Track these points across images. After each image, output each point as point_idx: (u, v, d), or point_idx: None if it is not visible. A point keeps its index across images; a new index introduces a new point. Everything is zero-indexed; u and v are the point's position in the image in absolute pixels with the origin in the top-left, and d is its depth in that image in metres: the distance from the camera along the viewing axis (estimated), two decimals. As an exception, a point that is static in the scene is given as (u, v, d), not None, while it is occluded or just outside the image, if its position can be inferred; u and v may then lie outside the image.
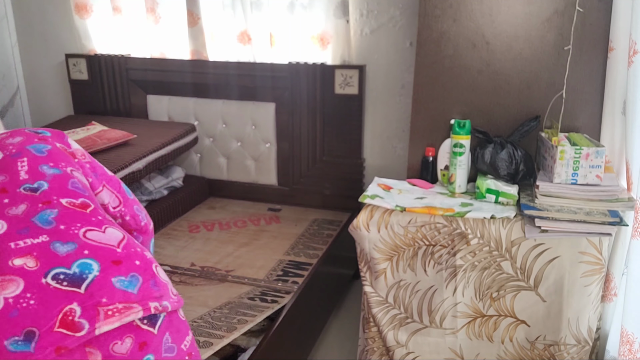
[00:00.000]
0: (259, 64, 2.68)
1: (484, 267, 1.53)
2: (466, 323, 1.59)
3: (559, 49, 1.67)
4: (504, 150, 1.65)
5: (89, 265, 0.85)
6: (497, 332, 1.58)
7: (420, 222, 1.55)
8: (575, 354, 1.53)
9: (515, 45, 1.71)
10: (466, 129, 1.69)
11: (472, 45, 1.74)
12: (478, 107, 1.78)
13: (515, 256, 1.50)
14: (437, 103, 1.81)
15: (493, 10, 1.70)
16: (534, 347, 1.56)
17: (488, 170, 1.68)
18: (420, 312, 1.62)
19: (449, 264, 1.56)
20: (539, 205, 1.52)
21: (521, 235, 1.49)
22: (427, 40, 1.77)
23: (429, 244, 1.56)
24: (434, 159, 1.83)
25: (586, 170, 1.51)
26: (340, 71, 2.53)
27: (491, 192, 1.63)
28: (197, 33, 2.74)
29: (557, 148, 1.51)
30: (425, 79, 1.80)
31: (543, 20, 1.67)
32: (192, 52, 2.80)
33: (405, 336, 1.64)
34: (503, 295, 1.54)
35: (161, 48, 2.88)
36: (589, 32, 1.63)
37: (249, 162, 2.85)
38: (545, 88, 1.71)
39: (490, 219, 1.51)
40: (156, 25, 2.81)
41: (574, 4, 1.61)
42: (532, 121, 1.69)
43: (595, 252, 1.45)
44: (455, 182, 1.72)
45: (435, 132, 1.83)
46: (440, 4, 1.73)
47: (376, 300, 1.64)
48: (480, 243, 1.52)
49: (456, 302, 1.58)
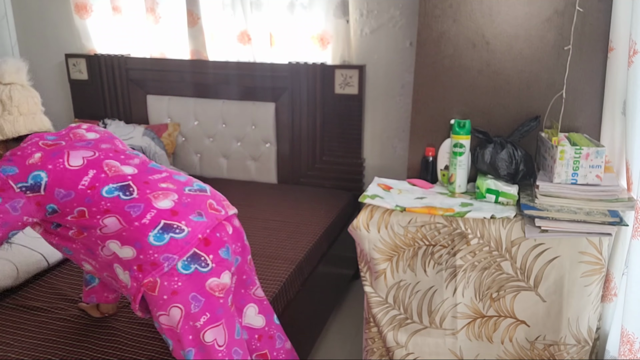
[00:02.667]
0: (259, 64, 2.68)
1: (484, 267, 1.53)
2: (466, 324, 1.59)
3: (559, 49, 1.67)
4: (504, 150, 1.65)
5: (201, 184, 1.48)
6: (497, 332, 1.58)
7: (420, 222, 1.55)
8: (575, 354, 1.53)
9: (515, 45, 1.71)
10: (466, 129, 1.69)
11: (472, 45, 1.74)
12: (478, 107, 1.78)
13: (515, 256, 1.50)
14: (437, 103, 1.81)
15: (493, 10, 1.70)
16: (534, 347, 1.56)
17: (488, 170, 1.68)
18: (420, 312, 1.62)
19: (449, 264, 1.55)
20: (539, 205, 1.52)
21: (521, 235, 1.49)
22: (427, 40, 1.77)
23: (429, 244, 1.56)
24: (434, 159, 1.83)
25: (586, 170, 1.51)
26: (340, 71, 2.53)
27: (491, 192, 1.63)
28: (197, 33, 2.74)
29: (557, 148, 1.51)
30: (425, 79, 1.80)
31: (543, 20, 1.67)
32: (192, 52, 2.80)
33: (405, 337, 1.64)
34: (503, 295, 1.54)
35: (161, 48, 2.88)
36: (589, 32, 1.63)
37: (249, 162, 2.85)
38: (545, 88, 1.71)
39: (490, 219, 1.51)
40: (156, 25, 2.81)
41: (574, 4, 1.61)
42: (532, 121, 1.69)
43: (595, 252, 1.45)
44: (455, 182, 1.72)
45: (435, 132, 1.83)
46: (440, 4, 1.73)
47: (376, 301, 1.64)
48: (480, 243, 1.52)
49: (456, 302, 1.58)
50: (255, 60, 2.71)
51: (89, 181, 1.34)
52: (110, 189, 1.34)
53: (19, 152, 1.37)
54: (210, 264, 1.32)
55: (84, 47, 3.01)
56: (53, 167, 1.33)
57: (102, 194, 1.33)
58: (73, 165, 1.36)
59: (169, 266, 1.27)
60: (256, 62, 2.70)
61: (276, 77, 2.62)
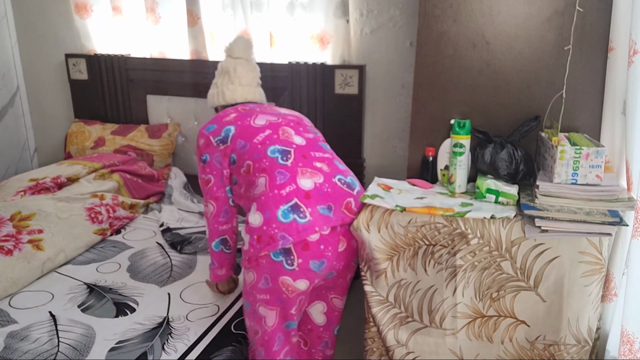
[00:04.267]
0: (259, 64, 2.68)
1: (484, 267, 1.53)
2: (466, 324, 1.59)
3: (559, 49, 1.67)
4: (504, 150, 1.65)
5: (354, 181, 1.56)
6: (497, 332, 1.57)
7: (420, 222, 1.55)
8: (575, 354, 1.53)
9: (515, 45, 1.71)
10: (466, 129, 1.69)
11: (472, 45, 1.74)
12: (478, 107, 1.78)
13: (515, 256, 1.50)
14: (437, 103, 1.81)
15: (493, 10, 1.70)
16: (534, 347, 1.56)
17: (488, 170, 1.68)
18: (421, 311, 1.62)
19: (449, 264, 1.55)
20: (539, 205, 1.52)
21: (521, 235, 1.49)
22: (427, 40, 1.77)
23: (429, 243, 1.56)
24: (434, 159, 1.83)
25: (586, 170, 1.51)
26: (340, 71, 2.53)
27: (491, 192, 1.63)
28: (197, 33, 2.74)
29: (557, 148, 1.51)
30: (425, 79, 1.80)
31: (543, 20, 1.67)
32: (192, 52, 2.80)
33: (406, 335, 1.64)
34: (503, 295, 1.54)
35: (161, 48, 2.88)
36: (589, 32, 1.63)
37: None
38: (545, 88, 1.71)
39: (490, 219, 1.51)
40: (156, 25, 2.81)
41: (574, 4, 1.61)
42: (532, 121, 1.69)
43: (595, 252, 1.45)
44: (455, 182, 1.72)
45: (435, 132, 1.83)
46: (440, 4, 1.73)
47: (377, 300, 1.64)
48: (480, 243, 1.52)
49: (456, 302, 1.58)
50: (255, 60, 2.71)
51: (262, 138, 1.55)
52: (274, 149, 1.52)
53: (221, 114, 1.67)
54: (295, 266, 1.42)
55: (84, 47, 3.01)
56: (241, 123, 1.60)
57: (266, 151, 1.52)
58: (257, 123, 1.60)
59: (282, 245, 1.38)
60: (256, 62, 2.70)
61: (276, 77, 2.62)
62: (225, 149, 1.58)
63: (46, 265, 1.94)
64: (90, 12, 2.92)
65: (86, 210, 2.25)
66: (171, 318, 1.67)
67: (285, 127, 1.60)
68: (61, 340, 1.55)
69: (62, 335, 1.57)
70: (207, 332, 1.62)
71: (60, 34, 3.07)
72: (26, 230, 2.03)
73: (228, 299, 1.79)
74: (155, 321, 1.65)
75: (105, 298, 1.77)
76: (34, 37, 3.14)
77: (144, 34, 2.87)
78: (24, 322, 1.64)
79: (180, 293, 1.81)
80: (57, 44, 3.09)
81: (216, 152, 1.58)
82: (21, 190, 2.35)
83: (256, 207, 1.44)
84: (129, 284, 1.86)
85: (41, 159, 3.33)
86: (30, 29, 3.13)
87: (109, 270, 1.96)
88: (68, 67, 3.02)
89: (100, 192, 2.41)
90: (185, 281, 1.89)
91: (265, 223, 1.40)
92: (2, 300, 1.76)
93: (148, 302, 1.75)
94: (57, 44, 3.09)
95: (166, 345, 1.53)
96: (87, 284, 1.86)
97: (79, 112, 3.10)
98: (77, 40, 3.00)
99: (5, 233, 1.99)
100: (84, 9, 2.91)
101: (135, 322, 1.65)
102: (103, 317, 1.67)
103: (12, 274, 1.83)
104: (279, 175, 1.46)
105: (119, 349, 1.52)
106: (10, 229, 2.01)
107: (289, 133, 1.59)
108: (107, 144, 2.90)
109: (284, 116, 1.67)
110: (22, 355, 1.48)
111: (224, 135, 1.58)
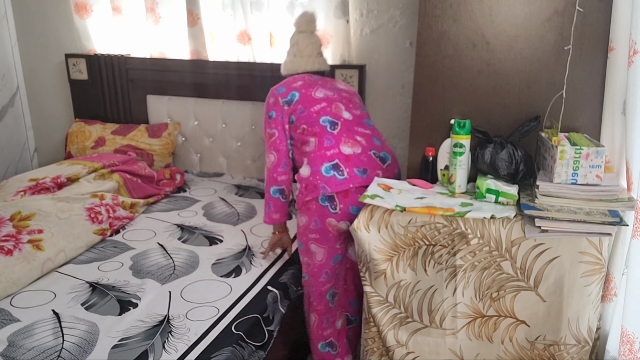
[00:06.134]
0: (259, 64, 2.68)
1: (484, 267, 1.53)
2: (466, 324, 1.59)
3: (559, 49, 1.67)
4: (504, 150, 1.65)
5: (388, 156, 1.90)
6: (497, 332, 1.57)
7: (420, 222, 1.55)
8: (575, 354, 1.53)
9: (515, 45, 1.71)
10: (466, 129, 1.69)
11: (472, 45, 1.74)
12: (478, 107, 1.78)
13: (515, 256, 1.50)
14: (437, 103, 1.81)
15: (493, 10, 1.70)
16: (534, 347, 1.56)
17: (488, 170, 1.68)
18: (421, 311, 1.62)
19: (449, 264, 1.55)
20: (539, 205, 1.52)
21: (521, 235, 1.49)
22: (427, 40, 1.77)
23: (429, 243, 1.56)
24: (434, 159, 1.83)
25: (586, 170, 1.51)
26: (340, 71, 2.53)
27: (491, 192, 1.63)
28: (197, 33, 2.74)
29: (557, 148, 1.51)
30: (425, 79, 1.80)
31: (543, 20, 1.67)
32: (192, 52, 2.80)
33: (406, 335, 1.64)
34: (503, 295, 1.54)
35: (161, 48, 2.88)
36: (589, 32, 1.63)
37: (249, 162, 2.85)
38: (545, 88, 1.71)
39: (490, 219, 1.51)
40: (156, 25, 2.81)
41: (574, 4, 1.61)
42: (532, 121, 1.69)
43: (595, 252, 1.45)
44: (455, 182, 1.72)
45: (435, 132, 1.83)
46: (440, 4, 1.73)
47: (376, 300, 1.64)
48: (480, 243, 1.52)
49: (456, 302, 1.58)
50: (255, 60, 2.71)
51: (318, 108, 1.89)
52: (325, 119, 1.86)
53: (290, 79, 2.00)
54: (337, 210, 1.79)
55: (84, 47, 3.01)
56: (305, 91, 1.93)
57: (319, 120, 1.86)
58: (316, 95, 1.93)
59: (322, 193, 1.76)
60: (256, 62, 2.70)
61: (276, 77, 2.61)
62: (289, 110, 1.90)
63: (46, 265, 1.94)
64: (90, 12, 2.92)
65: (86, 210, 2.25)
66: (171, 316, 1.67)
67: (338, 103, 1.92)
68: (66, 338, 1.55)
69: (67, 332, 1.57)
70: (208, 332, 1.62)
71: (60, 34, 3.07)
72: (26, 230, 2.03)
73: (227, 299, 1.79)
74: (156, 319, 1.66)
75: (109, 296, 1.77)
76: (34, 37, 3.14)
77: (144, 34, 2.87)
78: (27, 320, 1.64)
79: (180, 291, 1.81)
80: (57, 44, 3.09)
81: (281, 111, 1.90)
82: (21, 190, 2.35)
83: (306, 161, 1.82)
84: (131, 281, 1.86)
85: (41, 159, 3.33)
86: (30, 29, 3.13)
87: (111, 269, 1.96)
88: (68, 67, 3.02)
89: (100, 192, 2.41)
90: (186, 279, 1.89)
91: (312, 175, 1.78)
92: (3, 300, 1.76)
93: (149, 300, 1.76)
94: (57, 44, 3.09)
95: (166, 344, 1.53)
96: (89, 282, 1.86)
97: (79, 112, 3.10)
98: (77, 40, 3.00)
99: (5, 233, 1.98)
100: (84, 9, 2.91)
101: (137, 319, 1.65)
102: (107, 314, 1.68)
103: (12, 274, 1.83)
104: (327, 140, 1.82)
105: (121, 347, 1.52)
106: (10, 229, 2.01)
107: (339, 108, 1.90)
108: (108, 144, 2.90)
109: (339, 92, 1.97)
110: (27, 352, 1.48)
111: (290, 98, 1.91)
